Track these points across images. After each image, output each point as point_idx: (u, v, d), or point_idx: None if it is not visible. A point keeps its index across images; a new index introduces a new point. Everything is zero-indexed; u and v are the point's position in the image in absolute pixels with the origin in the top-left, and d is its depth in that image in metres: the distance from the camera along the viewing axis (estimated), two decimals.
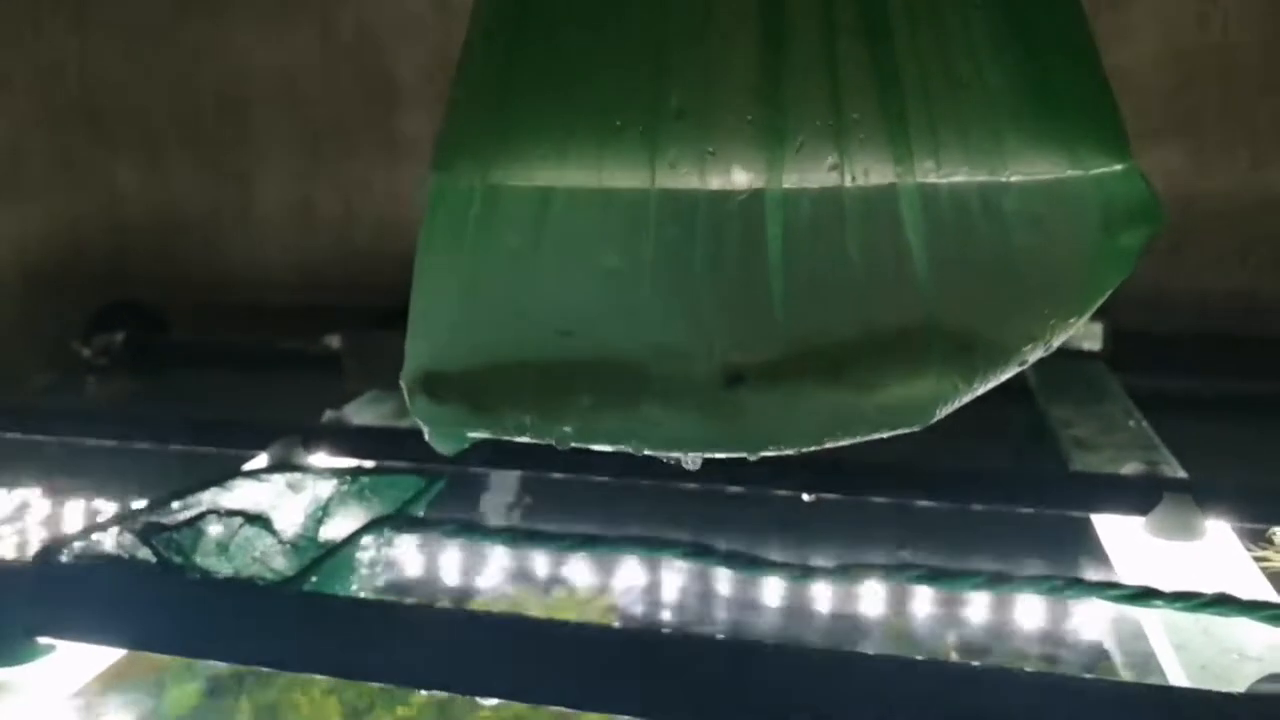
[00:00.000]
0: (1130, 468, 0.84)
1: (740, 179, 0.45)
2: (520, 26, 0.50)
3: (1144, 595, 0.61)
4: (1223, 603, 0.59)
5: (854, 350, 0.46)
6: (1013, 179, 0.47)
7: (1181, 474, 0.86)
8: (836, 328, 0.46)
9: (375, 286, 1.27)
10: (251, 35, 1.68)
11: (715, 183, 0.45)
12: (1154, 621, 0.63)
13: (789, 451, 0.49)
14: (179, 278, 1.75)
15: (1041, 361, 1.23)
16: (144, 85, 1.74)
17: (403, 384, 0.55)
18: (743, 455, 0.49)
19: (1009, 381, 1.22)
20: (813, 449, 0.49)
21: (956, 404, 0.49)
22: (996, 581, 0.64)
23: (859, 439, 0.49)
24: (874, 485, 0.83)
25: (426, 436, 0.55)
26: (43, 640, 0.62)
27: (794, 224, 0.45)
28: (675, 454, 0.50)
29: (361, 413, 1.08)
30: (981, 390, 0.50)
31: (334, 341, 1.36)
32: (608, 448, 0.50)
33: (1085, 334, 1.22)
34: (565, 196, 0.47)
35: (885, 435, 0.49)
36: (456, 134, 0.53)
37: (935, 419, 0.49)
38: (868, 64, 0.45)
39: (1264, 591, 0.68)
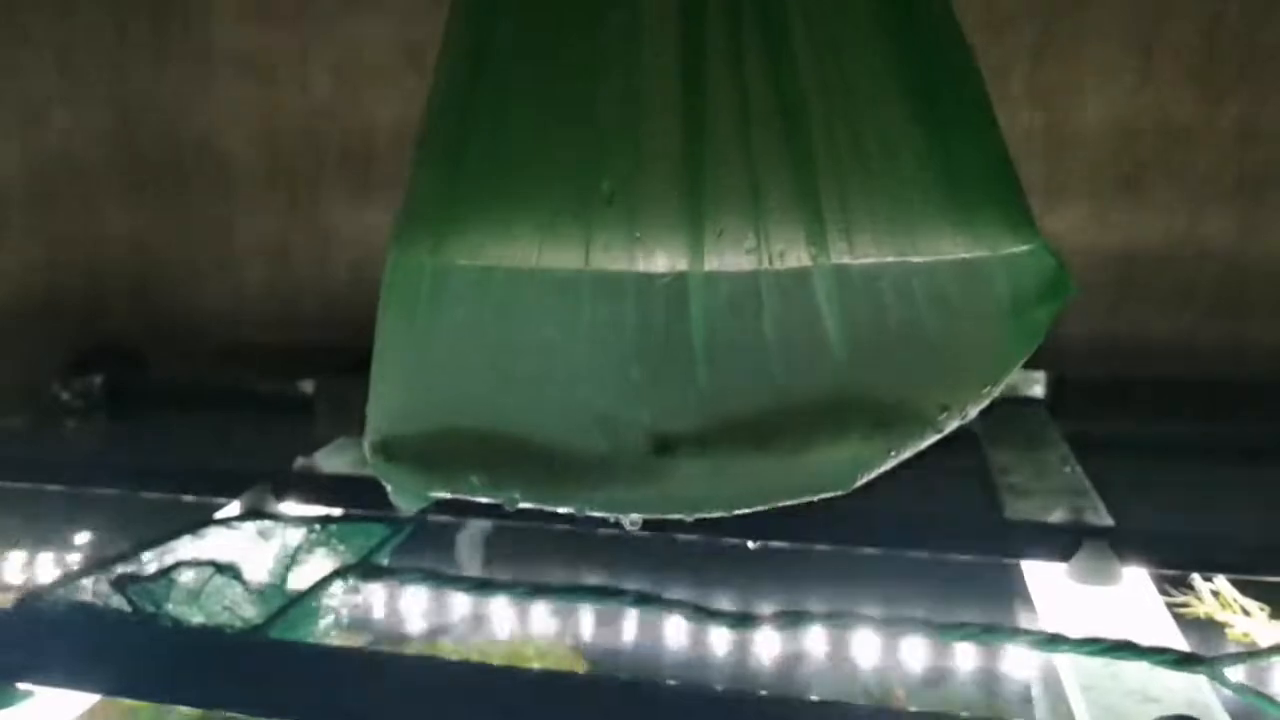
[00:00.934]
0: (1056, 515, 0.89)
1: (665, 262, 0.49)
2: (468, 118, 0.54)
3: (1053, 640, 0.66)
4: (1124, 648, 0.64)
5: (776, 421, 0.49)
6: (922, 260, 0.51)
7: (1107, 520, 0.91)
8: (758, 400, 0.49)
9: (351, 325, 1.31)
10: (232, 84, 1.73)
11: (643, 265, 0.49)
12: (1066, 665, 0.68)
13: (721, 514, 0.53)
14: (158, 319, 1.79)
15: (986, 409, 1.28)
16: (125, 132, 1.78)
17: (365, 446, 0.60)
18: (679, 516, 0.54)
19: (956, 429, 1.28)
20: (742, 512, 0.54)
21: (877, 470, 0.53)
22: (919, 627, 0.68)
23: (785, 502, 0.54)
24: (815, 533, 0.87)
25: (389, 494, 0.60)
26: (21, 686, 0.65)
27: (715, 304, 0.49)
28: (612, 515, 0.54)
29: (332, 459, 1.11)
30: (901, 457, 0.54)
31: (307, 386, 1.40)
32: (550, 508, 0.54)
33: (1028, 381, 1.27)
34: (507, 275, 0.51)
35: (809, 499, 0.53)
36: (410, 214, 0.57)
37: (856, 484, 0.53)
38: (783, 154, 0.49)
39: (1172, 635, 0.73)
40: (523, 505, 0.55)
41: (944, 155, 0.52)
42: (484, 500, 0.55)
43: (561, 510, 0.54)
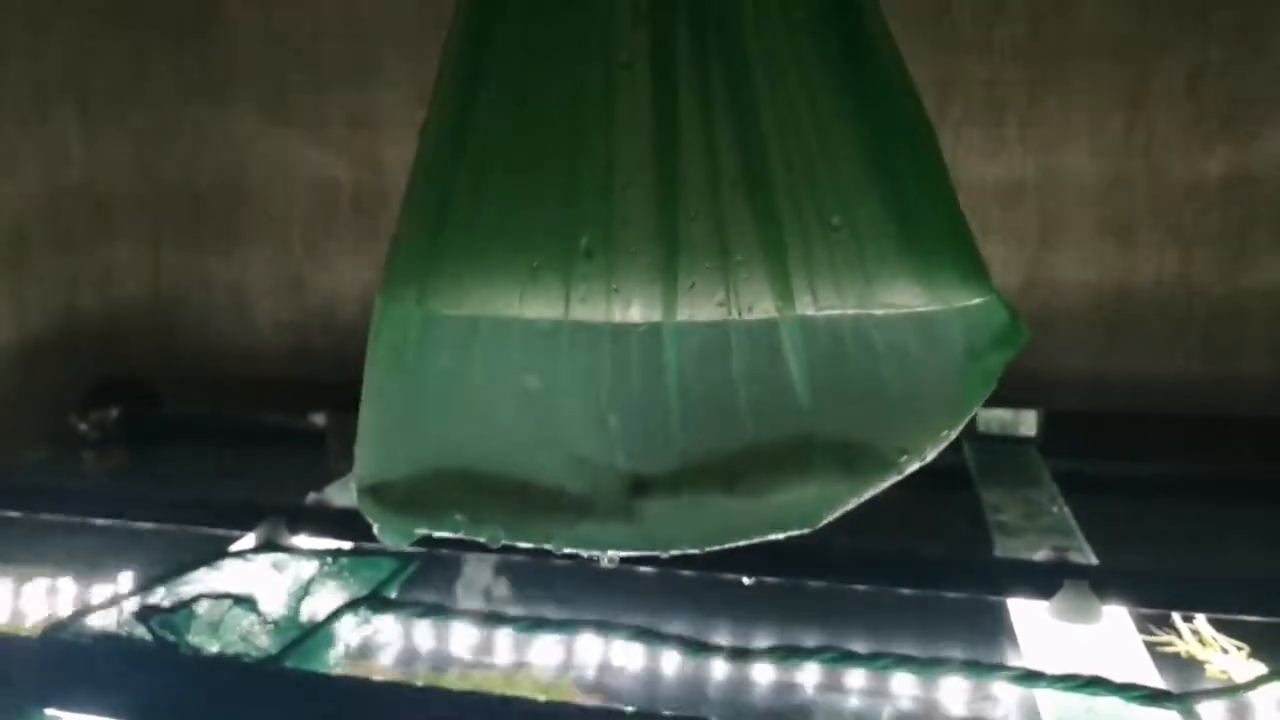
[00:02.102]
0: (1041, 554, 0.92)
1: (640, 312, 0.53)
2: (453, 176, 0.58)
3: (1030, 676, 0.69)
4: (1097, 683, 0.67)
5: (744, 462, 0.53)
6: (882, 313, 0.55)
7: (1091, 559, 0.94)
8: (728, 443, 0.53)
9: (361, 362, 1.35)
10: (249, 124, 1.78)
11: (619, 316, 0.53)
12: (1045, 700, 0.71)
13: (694, 551, 0.56)
14: (175, 354, 1.83)
15: (979, 448, 1.32)
16: (145, 170, 1.83)
17: (354, 485, 0.63)
18: (654, 554, 0.57)
19: (952, 467, 1.32)
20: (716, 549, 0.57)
21: (842, 509, 0.56)
22: (901, 664, 0.72)
23: (755, 539, 0.57)
24: (808, 570, 0.90)
25: (376, 532, 0.63)
26: (49, 711, 0.68)
27: (688, 352, 0.52)
28: (591, 552, 0.58)
29: (343, 492, 1.15)
30: (864, 497, 0.57)
31: (320, 419, 1.43)
32: (531, 545, 0.57)
33: (1021, 421, 1.30)
34: (491, 324, 0.55)
35: (779, 536, 0.57)
36: (397, 265, 0.60)
37: (823, 522, 0.56)
38: (750, 212, 0.53)
39: (1147, 672, 0.76)
40: (505, 542, 0.58)
41: (901, 213, 0.56)
42: (467, 538, 0.58)
43: (541, 546, 0.57)
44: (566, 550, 0.56)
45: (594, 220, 0.53)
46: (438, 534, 0.60)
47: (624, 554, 0.57)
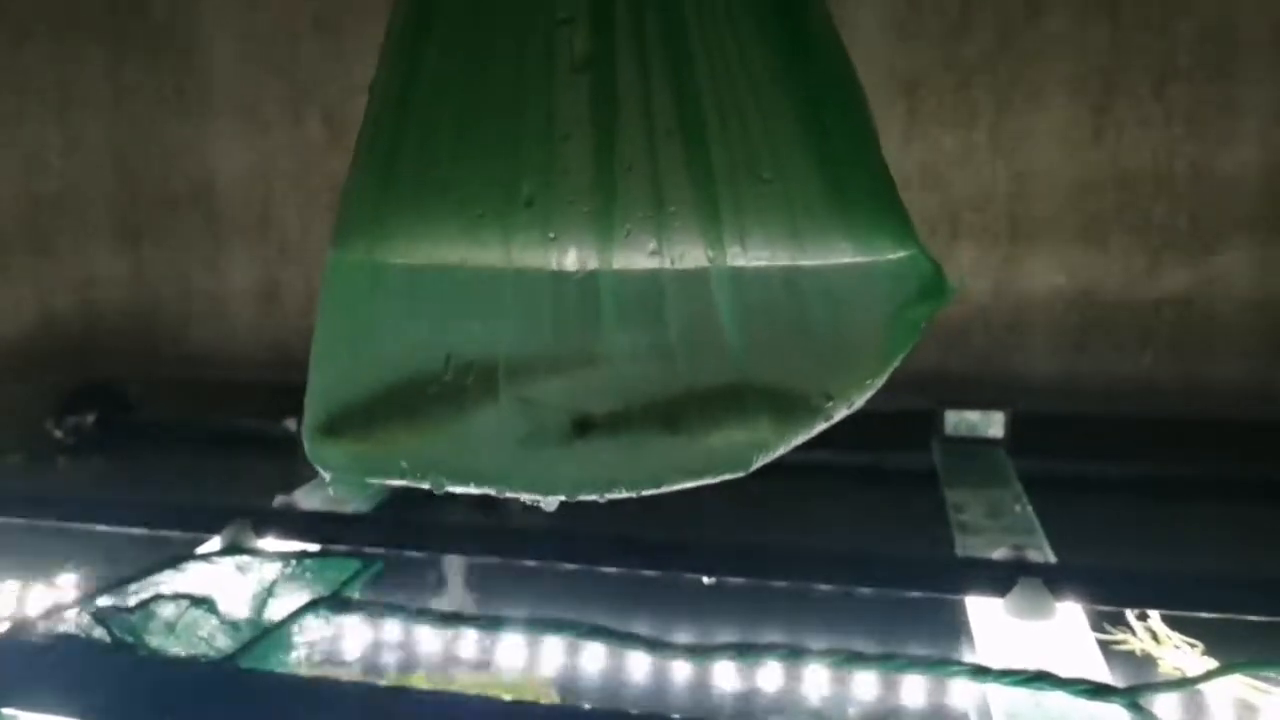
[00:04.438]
0: (999, 553, 0.93)
1: (577, 260, 0.54)
2: (401, 125, 0.59)
3: (978, 671, 0.70)
4: (1042, 678, 0.68)
5: (682, 406, 0.54)
6: (810, 264, 0.57)
7: (1050, 557, 0.95)
8: (666, 386, 0.54)
9: None
10: (226, 130, 1.79)
11: (556, 263, 0.54)
12: (995, 695, 0.72)
13: (630, 494, 0.57)
14: (151, 359, 1.83)
15: (948, 449, 1.32)
16: (122, 176, 1.83)
17: (304, 434, 0.62)
18: (593, 497, 0.58)
19: (918, 467, 1.32)
20: (653, 492, 0.58)
21: (773, 454, 0.57)
22: (852, 660, 0.72)
23: (690, 483, 0.57)
24: (770, 569, 0.91)
25: (328, 482, 0.63)
26: (7, 711, 0.69)
27: (624, 299, 0.54)
28: (532, 495, 0.58)
29: (312, 496, 1.15)
30: (794, 443, 0.58)
31: (292, 424, 1.43)
32: (474, 490, 0.57)
33: (989, 422, 1.31)
34: (436, 273, 0.56)
35: (711, 480, 0.57)
36: (347, 217, 0.61)
37: (755, 467, 0.57)
38: (684, 163, 0.54)
39: (1100, 669, 0.77)
40: (448, 488, 0.59)
41: (829, 168, 0.58)
42: (412, 484, 0.58)
43: (484, 491, 0.57)
44: (508, 494, 0.56)
45: (535, 169, 0.54)
46: (384, 481, 0.61)
47: (563, 498, 0.57)
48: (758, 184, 0.55)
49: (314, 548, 0.99)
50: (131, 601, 0.83)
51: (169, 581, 0.90)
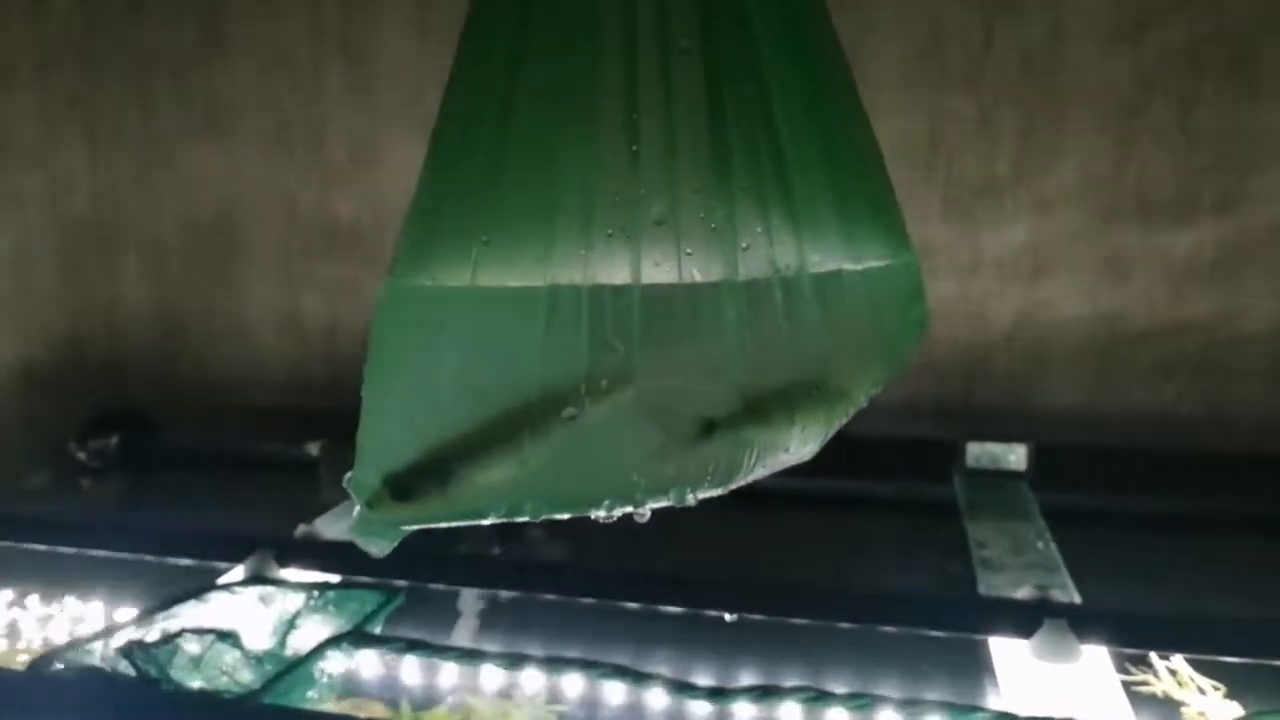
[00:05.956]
0: (1023, 592, 0.93)
1: (703, 273, 0.57)
2: (463, 157, 0.60)
3: (1005, 717, 0.69)
4: None
5: (771, 401, 0.59)
6: (851, 268, 0.63)
7: (1072, 598, 0.94)
8: (760, 386, 0.59)
9: (358, 390, 1.36)
10: (251, 155, 1.80)
11: (687, 276, 0.57)
12: None
13: (732, 487, 0.60)
14: (175, 382, 1.85)
15: (971, 482, 1.31)
16: (148, 200, 1.85)
17: (356, 494, 0.58)
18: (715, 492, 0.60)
19: (941, 501, 1.31)
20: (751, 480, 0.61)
21: (826, 440, 0.64)
22: (878, 704, 0.72)
23: (781, 467, 0.62)
24: (793, 606, 0.91)
25: (358, 540, 0.61)
26: None
27: (742, 308, 0.58)
28: (657, 502, 0.59)
29: (334, 524, 1.16)
30: (837, 428, 0.64)
31: (314, 448, 1.44)
32: (566, 515, 0.58)
33: (1011, 455, 1.31)
34: (543, 293, 0.56)
35: (793, 462, 0.62)
36: (422, 242, 0.61)
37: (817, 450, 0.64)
38: (771, 183, 0.59)
39: (1122, 712, 0.76)
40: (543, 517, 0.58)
41: (857, 180, 0.64)
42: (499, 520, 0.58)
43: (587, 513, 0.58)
44: (615, 512, 0.58)
45: (663, 188, 0.57)
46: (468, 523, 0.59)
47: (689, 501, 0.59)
48: (814, 202, 0.61)
49: (335, 578, 0.99)
50: (157, 634, 0.83)
51: (192, 613, 0.91)
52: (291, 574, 1.00)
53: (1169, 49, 1.44)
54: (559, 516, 0.58)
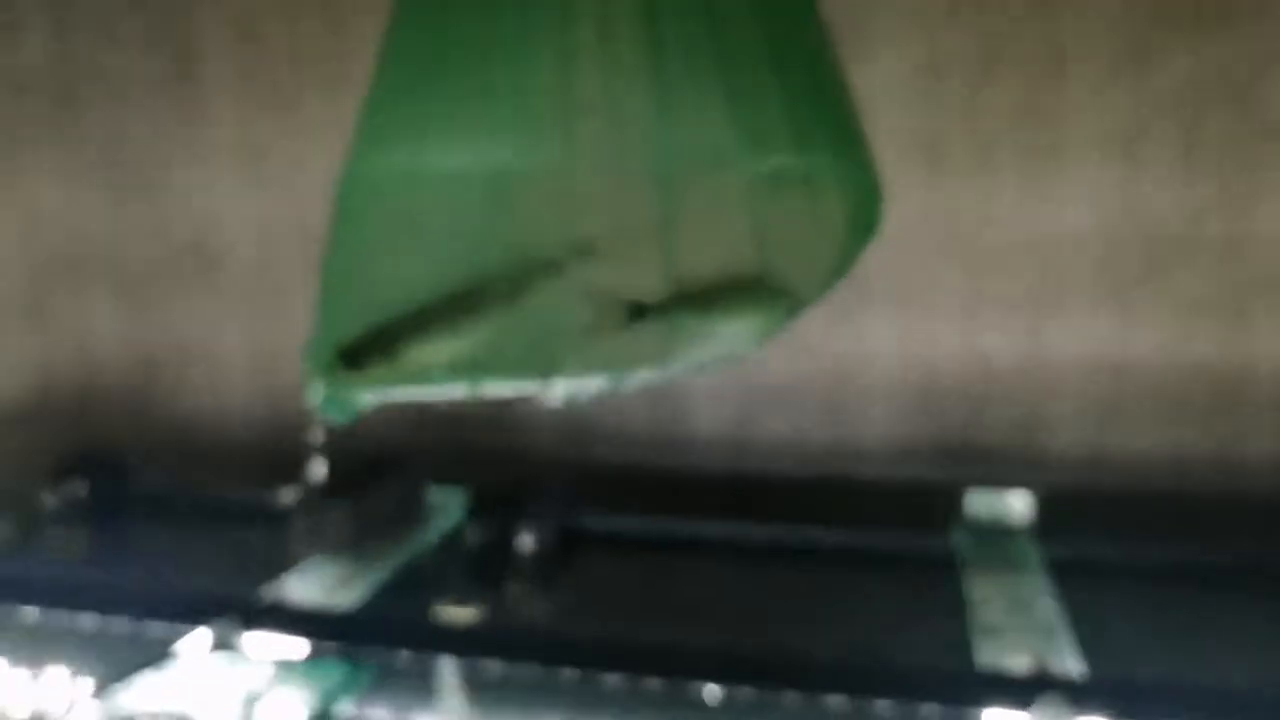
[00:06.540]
0: (1021, 662, 0.88)
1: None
2: (411, 49, 0.65)
3: None
4: None
5: (712, 296, 0.62)
6: (802, 161, 0.65)
7: (1069, 668, 0.89)
8: (700, 279, 0.62)
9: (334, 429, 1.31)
10: (227, 189, 1.76)
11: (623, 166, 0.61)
12: None
13: (665, 375, 0.64)
14: (147, 419, 1.80)
15: (974, 538, 1.26)
16: (123, 234, 1.81)
17: (310, 367, 0.64)
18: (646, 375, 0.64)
19: (941, 558, 1.26)
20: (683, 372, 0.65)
21: (769, 338, 0.66)
22: None
23: (716, 362, 0.66)
24: (780, 678, 0.86)
25: (318, 406, 0.63)
26: None
27: (680, 202, 0.62)
28: (578, 380, 0.62)
29: (305, 580, 1.11)
30: (786, 324, 0.66)
31: (287, 496, 1.39)
32: (510, 393, 0.61)
33: (1016, 508, 1.26)
34: (494, 172, 0.60)
35: (728, 360, 0.67)
36: (377, 126, 0.65)
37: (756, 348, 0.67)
38: (724, 95, 0.62)
39: None
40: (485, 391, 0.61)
41: (810, 90, 0.68)
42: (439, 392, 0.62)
43: (521, 386, 0.61)
44: (545, 387, 0.60)
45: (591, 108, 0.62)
46: (413, 393, 0.61)
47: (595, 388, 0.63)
48: (754, 97, 0.63)
49: (303, 645, 0.95)
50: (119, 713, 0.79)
51: (154, 684, 0.87)
52: (258, 637, 0.96)
53: (1173, 76, 1.40)
54: (500, 393, 0.61)
